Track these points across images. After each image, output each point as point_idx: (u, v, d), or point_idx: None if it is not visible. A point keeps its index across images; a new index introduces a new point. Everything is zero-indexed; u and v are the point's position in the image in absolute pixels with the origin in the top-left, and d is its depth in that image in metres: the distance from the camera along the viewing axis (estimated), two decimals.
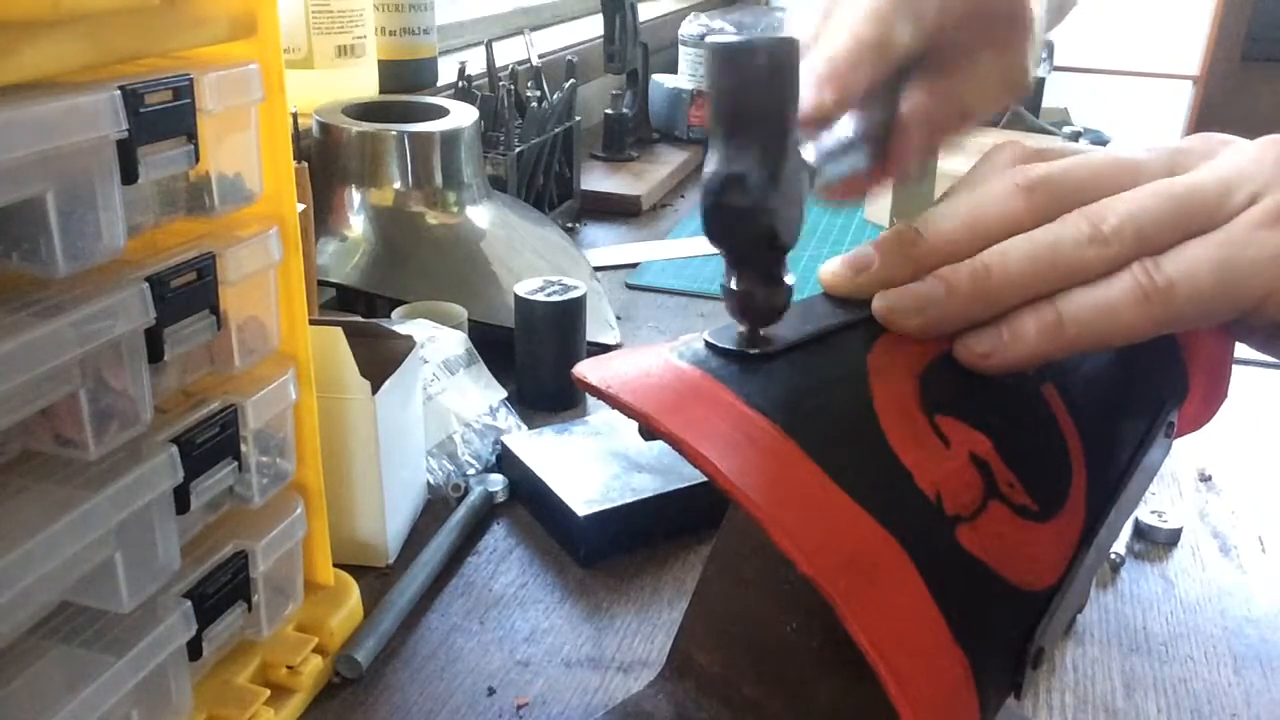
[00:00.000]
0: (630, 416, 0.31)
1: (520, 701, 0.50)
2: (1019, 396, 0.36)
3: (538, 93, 1.10)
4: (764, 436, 0.30)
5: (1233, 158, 0.35)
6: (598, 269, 1.00)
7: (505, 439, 0.67)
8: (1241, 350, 0.41)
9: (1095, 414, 0.37)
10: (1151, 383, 0.40)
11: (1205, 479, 0.71)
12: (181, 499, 0.41)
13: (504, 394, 0.74)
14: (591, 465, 0.64)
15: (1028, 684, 0.34)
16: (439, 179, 0.87)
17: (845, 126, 0.39)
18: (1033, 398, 0.36)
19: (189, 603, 0.42)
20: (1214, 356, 0.42)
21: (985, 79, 0.42)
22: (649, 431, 0.30)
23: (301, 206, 0.58)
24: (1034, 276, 0.34)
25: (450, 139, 0.87)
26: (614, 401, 0.31)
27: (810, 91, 0.37)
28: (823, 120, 0.38)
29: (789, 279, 0.33)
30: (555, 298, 0.75)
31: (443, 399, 0.68)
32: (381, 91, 1.01)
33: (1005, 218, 0.35)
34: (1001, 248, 0.34)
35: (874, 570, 0.28)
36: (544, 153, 1.08)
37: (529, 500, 0.65)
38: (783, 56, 0.30)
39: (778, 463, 0.29)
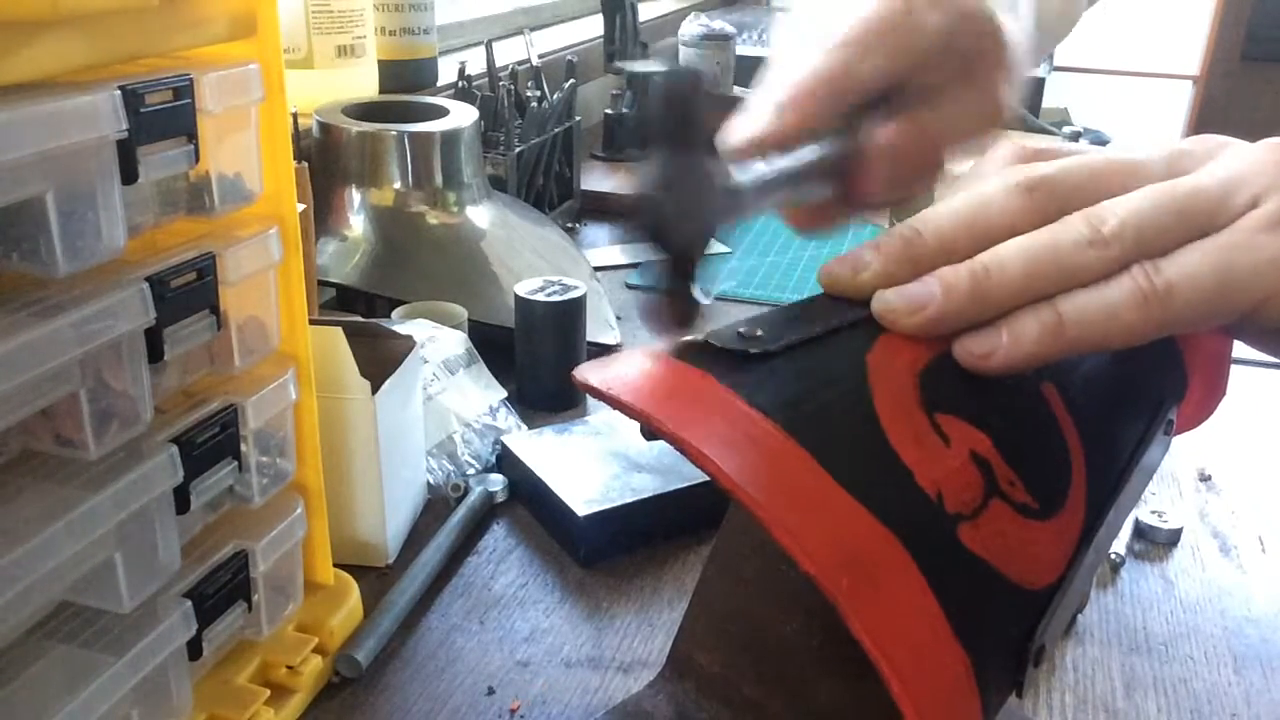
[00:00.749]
0: (632, 418, 0.31)
1: (514, 705, 0.50)
2: (1019, 395, 0.36)
3: (538, 93, 1.10)
4: (765, 436, 0.30)
5: (1233, 161, 0.35)
6: (598, 269, 1.00)
7: (505, 439, 0.67)
8: (1241, 350, 0.41)
9: (1095, 412, 0.37)
10: (1150, 381, 0.40)
11: (1205, 479, 0.71)
12: (181, 499, 0.41)
13: (504, 394, 0.74)
14: (591, 465, 0.64)
15: (1029, 682, 0.34)
16: (439, 179, 0.87)
17: (808, 153, 0.39)
18: (1032, 396, 0.36)
19: (189, 603, 0.42)
20: (1213, 354, 0.42)
21: (956, 113, 0.42)
22: (651, 431, 0.30)
23: (301, 206, 0.58)
24: (1033, 278, 0.34)
25: (450, 139, 0.87)
26: (615, 403, 0.31)
27: (769, 116, 0.38)
28: (779, 145, 0.39)
29: (696, 292, 0.35)
30: (555, 298, 0.75)
31: (443, 399, 0.68)
32: (381, 91, 1.01)
33: (1005, 218, 0.35)
34: (1001, 249, 0.34)
35: (876, 569, 0.28)
36: (544, 153, 1.08)
37: (529, 500, 0.65)
38: (676, 86, 0.34)
39: (779, 462, 0.29)
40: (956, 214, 0.36)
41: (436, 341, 0.71)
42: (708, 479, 0.29)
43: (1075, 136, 1.44)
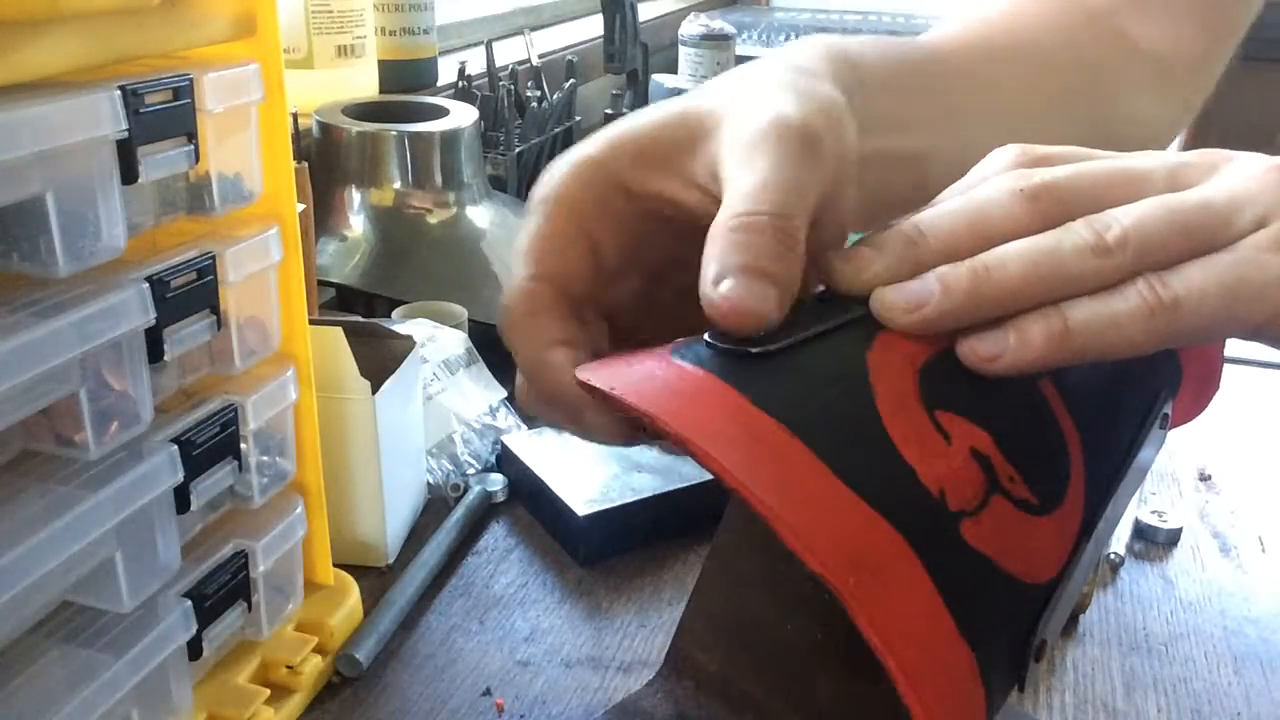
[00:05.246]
0: (636, 418, 0.31)
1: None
2: (1017, 392, 0.36)
3: (538, 93, 1.10)
4: (769, 435, 0.30)
5: (1237, 177, 0.35)
6: None
7: (505, 439, 0.67)
8: (1242, 350, 0.41)
9: (1092, 407, 0.37)
10: (1146, 376, 0.40)
11: (1205, 479, 0.71)
12: (182, 499, 0.41)
13: (504, 394, 0.74)
14: (591, 465, 0.64)
15: (1030, 677, 0.34)
16: (439, 179, 0.87)
17: None
18: (1031, 393, 0.36)
19: (189, 602, 0.42)
20: (1206, 350, 0.42)
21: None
22: (654, 431, 0.30)
23: (301, 206, 0.58)
24: (1033, 281, 0.33)
25: (450, 139, 0.87)
26: (619, 403, 0.31)
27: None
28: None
29: None
30: None
31: (443, 399, 0.68)
32: (381, 91, 1.01)
33: (1008, 221, 0.35)
34: (1001, 251, 0.34)
35: (881, 567, 0.28)
36: (544, 153, 1.08)
37: (529, 500, 0.65)
38: None
39: (783, 461, 0.29)
40: (959, 215, 0.35)
41: (436, 341, 0.71)
42: (708, 479, 0.29)
43: None
